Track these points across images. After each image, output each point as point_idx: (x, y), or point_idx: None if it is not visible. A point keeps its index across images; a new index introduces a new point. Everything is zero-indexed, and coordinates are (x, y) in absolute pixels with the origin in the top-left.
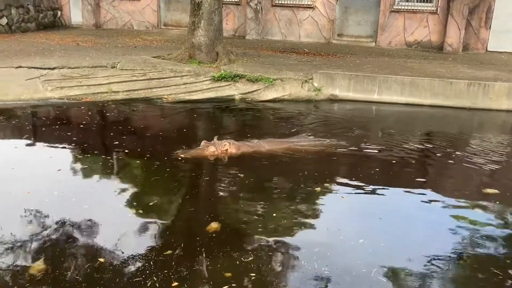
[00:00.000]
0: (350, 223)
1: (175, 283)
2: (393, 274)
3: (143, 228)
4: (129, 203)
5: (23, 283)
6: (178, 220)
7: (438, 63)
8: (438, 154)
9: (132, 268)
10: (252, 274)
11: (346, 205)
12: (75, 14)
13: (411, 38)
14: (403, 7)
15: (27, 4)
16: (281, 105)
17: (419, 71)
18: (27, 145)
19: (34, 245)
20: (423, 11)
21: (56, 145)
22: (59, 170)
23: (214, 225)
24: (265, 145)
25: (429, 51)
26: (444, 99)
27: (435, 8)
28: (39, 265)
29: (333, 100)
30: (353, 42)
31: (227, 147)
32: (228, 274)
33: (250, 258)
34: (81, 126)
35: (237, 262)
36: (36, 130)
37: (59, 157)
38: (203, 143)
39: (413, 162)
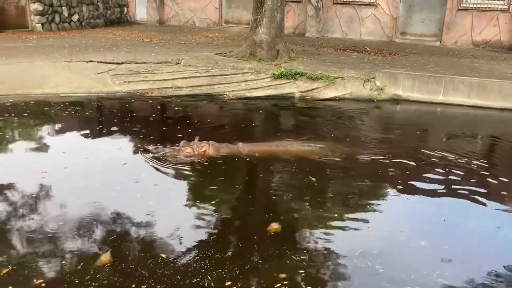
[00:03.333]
0: (412, 225)
1: (228, 283)
2: (455, 277)
3: (204, 226)
4: (191, 200)
5: (90, 274)
6: (238, 218)
7: (509, 64)
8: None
9: (190, 265)
10: (306, 275)
11: (409, 207)
12: (140, 10)
13: (479, 37)
14: (471, 5)
15: (97, 1)
16: (342, 104)
17: (488, 72)
18: (97, 136)
19: (101, 238)
20: (493, 9)
21: (123, 137)
22: (125, 164)
23: (274, 226)
24: (245, 148)
25: (498, 51)
26: None
27: (507, 6)
28: (106, 257)
29: (396, 100)
30: (417, 41)
31: (205, 148)
32: (283, 275)
33: (307, 260)
34: (147, 119)
35: (293, 263)
36: (106, 122)
37: (126, 150)
38: (182, 143)
39: (477, 167)
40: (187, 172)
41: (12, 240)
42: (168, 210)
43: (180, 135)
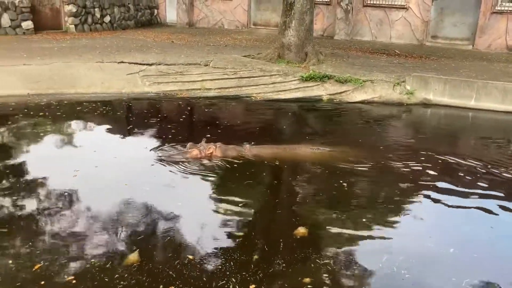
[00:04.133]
0: (441, 232)
1: (252, 285)
2: (485, 286)
3: (230, 228)
4: (218, 203)
5: (118, 273)
6: (265, 221)
7: None
8: None
9: (216, 267)
10: (331, 280)
11: (438, 213)
12: (170, 12)
13: None
14: (506, 8)
15: (128, 3)
16: (370, 107)
17: None
18: (126, 136)
19: (129, 237)
20: None
21: (153, 138)
22: (152, 165)
23: (301, 230)
24: (252, 150)
25: None
26: None
27: None
28: (134, 256)
29: (426, 104)
30: (448, 45)
31: (212, 150)
32: (307, 279)
33: (332, 264)
34: (176, 120)
35: (318, 268)
36: (136, 122)
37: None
38: (189, 145)
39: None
40: (214, 175)
41: (44, 236)
42: (196, 212)
43: (209, 136)
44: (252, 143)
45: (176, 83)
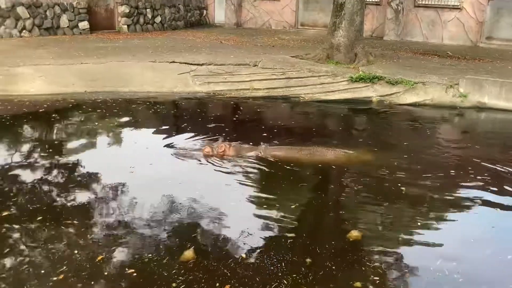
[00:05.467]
0: (498, 238)
1: None
2: None
3: (282, 229)
4: (273, 203)
5: (175, 268)
6: (318, 223)
7: None
8: None
9: (268, 267)
10: (382, 285)
11: (493, 220)
12: (219, 13)
13: None
14: None
15: (178, 4)
16: (421, 110)
17: None
18: (179, 134)
19: (184, 234)
20: None
21: (205, 136)
22: (204, 164)
23: (355, 233)
24: (267, 151)
25: None
26: None
27: None
28: (189, 253)
29: (480, 108)
30: (505, 46)
31: (223, 149)
32: (358, 284)
33: (383, 268)
34: (226, 119)
35: (370, 272)
36: (188, 121)
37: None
38: (206, 143)
39: None
40: (271, 176)
41: (105, 230)
42: (249, 211)
43: (256, 136)
44: (266, 144)
45: (225, 83)
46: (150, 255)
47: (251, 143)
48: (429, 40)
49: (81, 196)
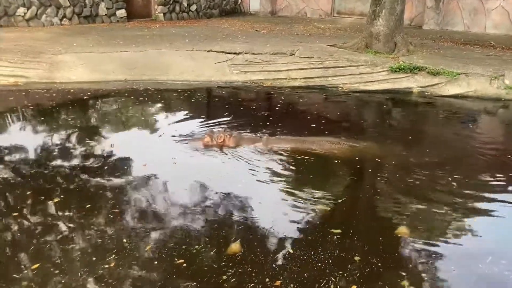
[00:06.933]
0: None
1: (354, 286)
2: None
3: (329, 224)
4: (317, 198)
5: (223, 261)
6: (365, 219)
7: None
8: None
9: (315, 263)
10: (430, 283)
11: None
12: (254, 1)
13: None
14: None
15: None
16: (464, 101)
17: None
18: (222, 125)
19: (230, 226)
20: None
21: (245, 127)
22: (249, 161)
23: (403, 230)
24: (269, 143)
25: None
26: None
27: None
28: (236, 246)
29: None
30: None
31: (222, 138)
32: (404, 282)
33: (432, 266)
34: (265, 109)
35: (418, 270)
36: (229, 108)
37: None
38: (207, 132)
39: None
40: (314, 170)
41: (152, 220)
42: (294, 206)
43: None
44: (267, 134)
45: (262, 72)
46: (197, 246)
47: (292, 133)
48: (471, 30)
49: (127, 186)
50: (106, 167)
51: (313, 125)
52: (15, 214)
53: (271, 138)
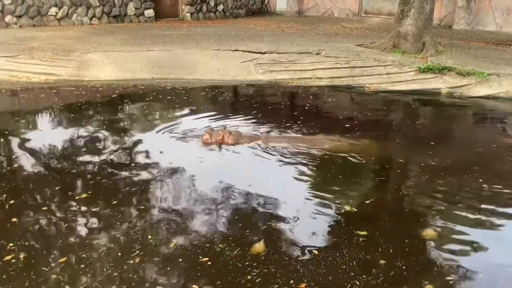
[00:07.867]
0: None
1: None
2: None
3: (354, 227)
4: (343, 199)
5: (248, 260)
6: (390, 221)
7: None
8: None
9: (340, 265)
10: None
11: None
12: (280, 1)
13: None
14: None
15: None
16: (494, 103)
17: None
18: (249, 125)
19: (254, 226)
20: None
21: (270, 126)
22: (279, 161)
23: (430, 232)
24: (268, 140)
25: None
26: None
27: None
28: (260, 246)
29: None
30: None
31: (221, 136)
32: (429, 286)
33: (458, 271)
34: (291, 108)
35: (443, 273)
36: (257, 107)
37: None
38: (206, 129)
39: None
40: (342, 170)
41: (177, 219)
42: (319, 207)
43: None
44: (266, 133)
45: (287, 71)
46: (221, 245)
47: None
48: (503, 30)
49: (154, 183)
50: (133, 164)
51: (347, 125)
52: (44, 208)
53: (270, 136)
